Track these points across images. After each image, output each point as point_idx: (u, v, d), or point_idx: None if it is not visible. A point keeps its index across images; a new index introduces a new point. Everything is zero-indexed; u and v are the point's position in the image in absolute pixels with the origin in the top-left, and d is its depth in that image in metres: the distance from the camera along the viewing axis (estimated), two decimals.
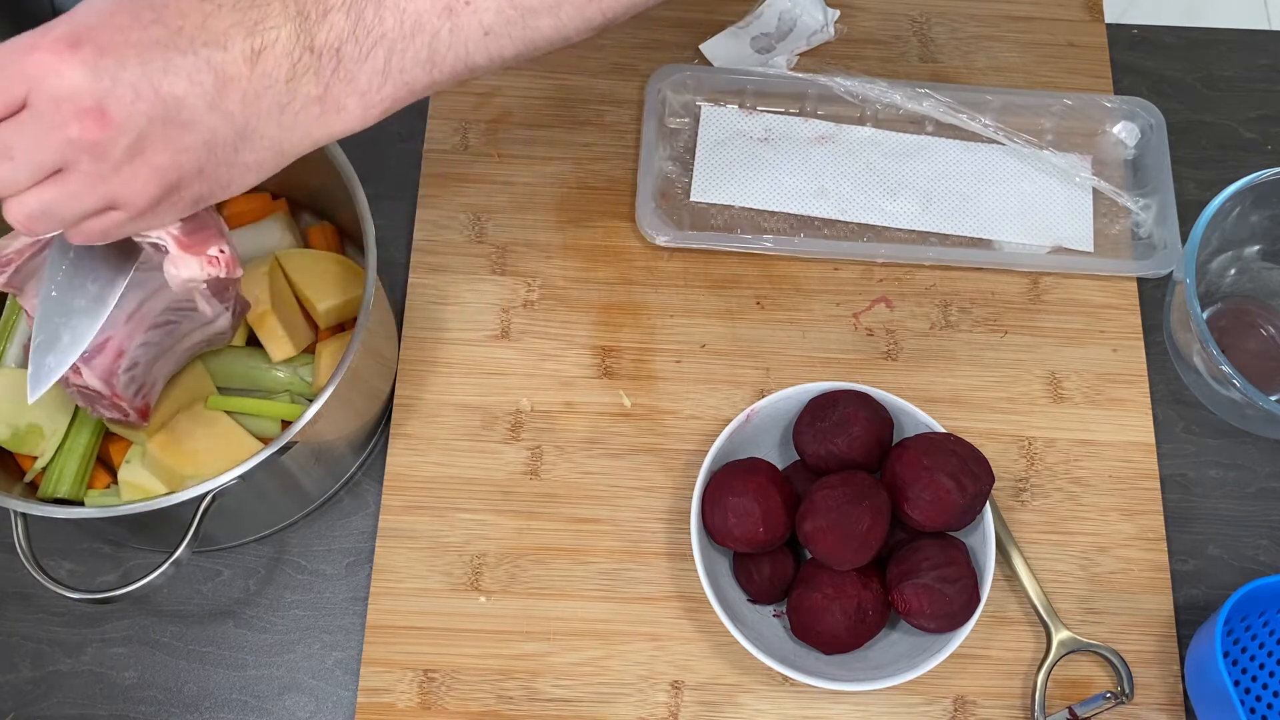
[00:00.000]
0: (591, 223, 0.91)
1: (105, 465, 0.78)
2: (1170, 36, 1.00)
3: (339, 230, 0.86)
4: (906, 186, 0.92)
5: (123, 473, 0.75)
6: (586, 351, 0.87)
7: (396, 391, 0.85)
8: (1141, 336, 0.88)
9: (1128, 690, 0.78)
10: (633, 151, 0.93)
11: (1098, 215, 0.92)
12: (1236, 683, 0.79)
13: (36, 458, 0.75)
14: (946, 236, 0.91)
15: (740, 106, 0.94)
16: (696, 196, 0.91)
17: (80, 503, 0.75)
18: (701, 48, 0.96)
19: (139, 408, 0.70)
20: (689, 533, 0.77)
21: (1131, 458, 0.85)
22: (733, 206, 0.91)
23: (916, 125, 0.94)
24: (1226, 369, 0.79)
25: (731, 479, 0.76)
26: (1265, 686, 0.80)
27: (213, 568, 0.81)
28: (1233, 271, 0.90)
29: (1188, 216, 0.87)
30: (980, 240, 0.91)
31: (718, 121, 0.94)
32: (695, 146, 0.93)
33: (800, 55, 0.96)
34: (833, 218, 0.91)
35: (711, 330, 0.87)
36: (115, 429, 0.75)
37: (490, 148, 0.93)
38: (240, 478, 0.68)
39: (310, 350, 0.79)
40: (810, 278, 0.89)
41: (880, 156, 0.93)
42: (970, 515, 0.75)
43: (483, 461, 0.83)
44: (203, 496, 0.68)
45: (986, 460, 0.76)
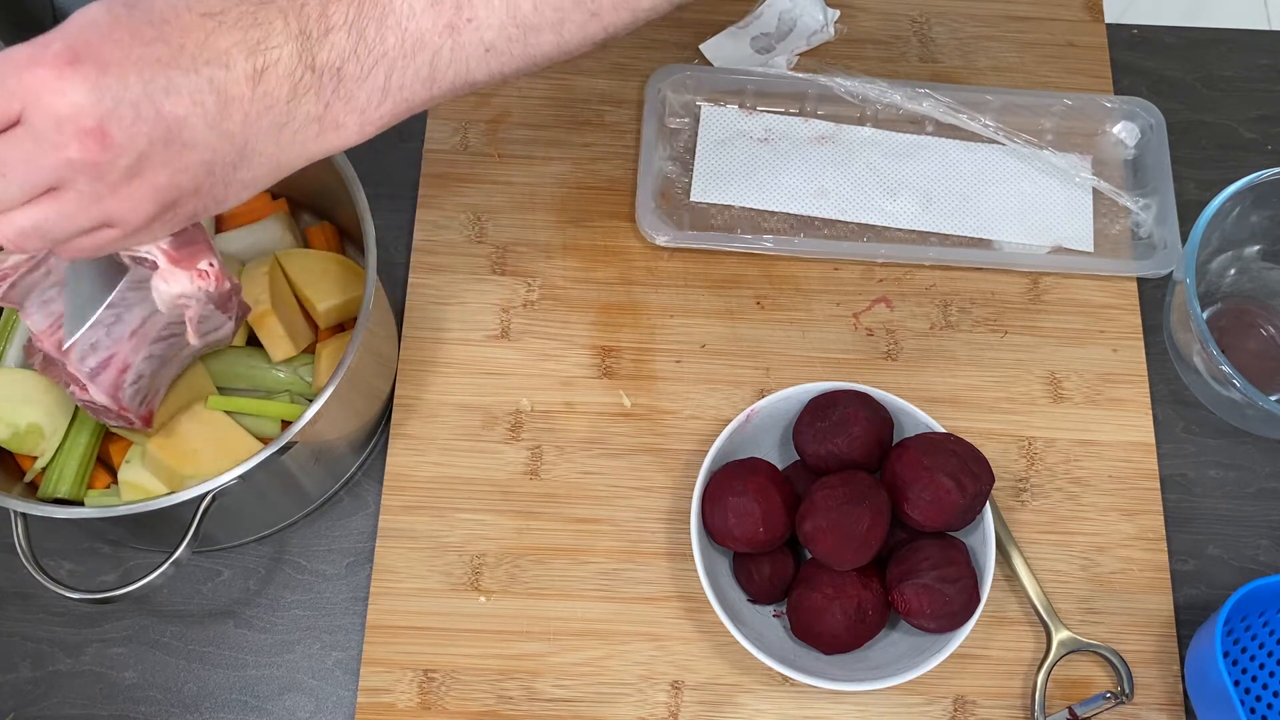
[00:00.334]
0: (591, 223, 0.91)
1: (105, 465, 0.78)
2: (1170, 36, 1.00)
3: (339, 230, 0.86)
4: (906, 186, 0.92)
5: (123, 473, 0.75)
6: (586, 351, 0.87)
7: (396, 391, 0.85)
8: (1141, 336, 0.88)
9: (1128, 690, 0.78)
10: (633, 151, 0.93)
11: (1098, 215, 0.92)
12: (1236, 683, 0.79)
13: (36, 458, 0.75)
14: (946, 236, 0.91)
15: (740, 106, 0.94)
16: (696, 196, 0.91)
17: (80, 503, 0.75)
18: (701, 48, 0.96)
19: (143, 415, 0.72)
20: (689, 533, 0.77)
21: (1131, 458, 0.85)
22: (733, 206, 0.91)
23: (916, 125, 0.94)
24: (1226, 369, 0.79)
25: (731, 479, 0.76)
26: (1265, 686, 0.80)
27: (213, 568, 0.81)
28: (1233, 271, 0.90)
29: (1188, 216, 0.87)
30: (980, 240, 0.91)
31: (718, 121, 0.94)
32: (695, 146, 0.93)
33: (800, 55, 0.96)
34: (833, 218, 0.91)
35: (711, 330, 0.87)
36: (116, 430, 0.75)
37: (490, 148, 0.93)
38: (240, 478, 0.68)
39: (310, 350, 0.79)
40: (810, 278, 0.89)
41: (880, 156, 0.93)
42: (970, 515, 0.75)
43: (483, 461, 0.83)
44: (203, 496, 0.68)
45: (986, 460, 0.76)
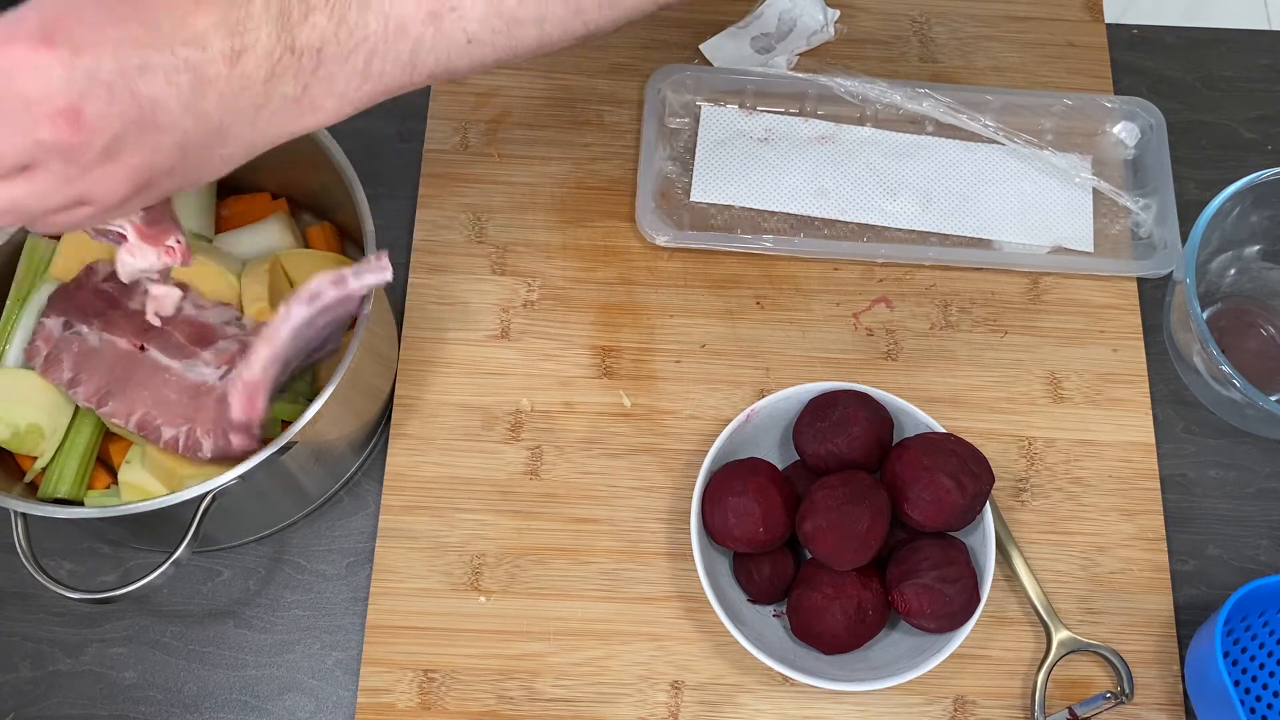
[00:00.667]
0: (591, 223, 0.91)
1: (105, 465, 0.78)
2: (1170, 36, 1.00)
3: (339, 230, 0.86)
4: (906, 186, 0.92)
5: (123, 473, 0.75)
6: (586, 351, 0.87)
7: (396, 391, 0.85)
8: (1141, 336, 0.88)
9: (1128, 690, 0.78)
10: (633, 151, 0.93)
11: (1098, 215, 0.92)
12: (1236, 683, 0.79)
13: (36, 458, 0.75)
14: (946, 236, 0.91)
15: (740, 106, 0.94)
16: (696, 196, 0.91)
17: (80, 503, 0.75)
18: (701, 48, 0.96)
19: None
20: (689, 533, 0.77)
21: (1131, 458, 0.85)
22: (733, 206, 0.91)
23: (916, 125, 0.94)
24: (1226, 369, 0.79)
25: (731, 479, 0.76)
26: (1265, 686, 0.80)
27: (213, 568, 0.81)
28: (1233, 271, 0.90)
29: (1188, 216, 0.87)
30: (980, 240, 0.91)
31: (718, 121, 0.94)
32: (695, 146, 0.93)
33: (800, 55, 0.96)
34: (833, 218, 0.91)
35: (711, 330, 0.87)
36: (115, 428, 0.75)
37: (490, 148, 0.93)
38: (240, 478, 0.68)
39: None
40: (810, 278, 0.89)
41: (880, 156, 0.93)
42: (970, 515, 0.75)
43: (483, 461, 0.83)
44: (203, 496, 0.68)
45: (986, 460, 0.76)
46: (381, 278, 0.67)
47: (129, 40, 0.50)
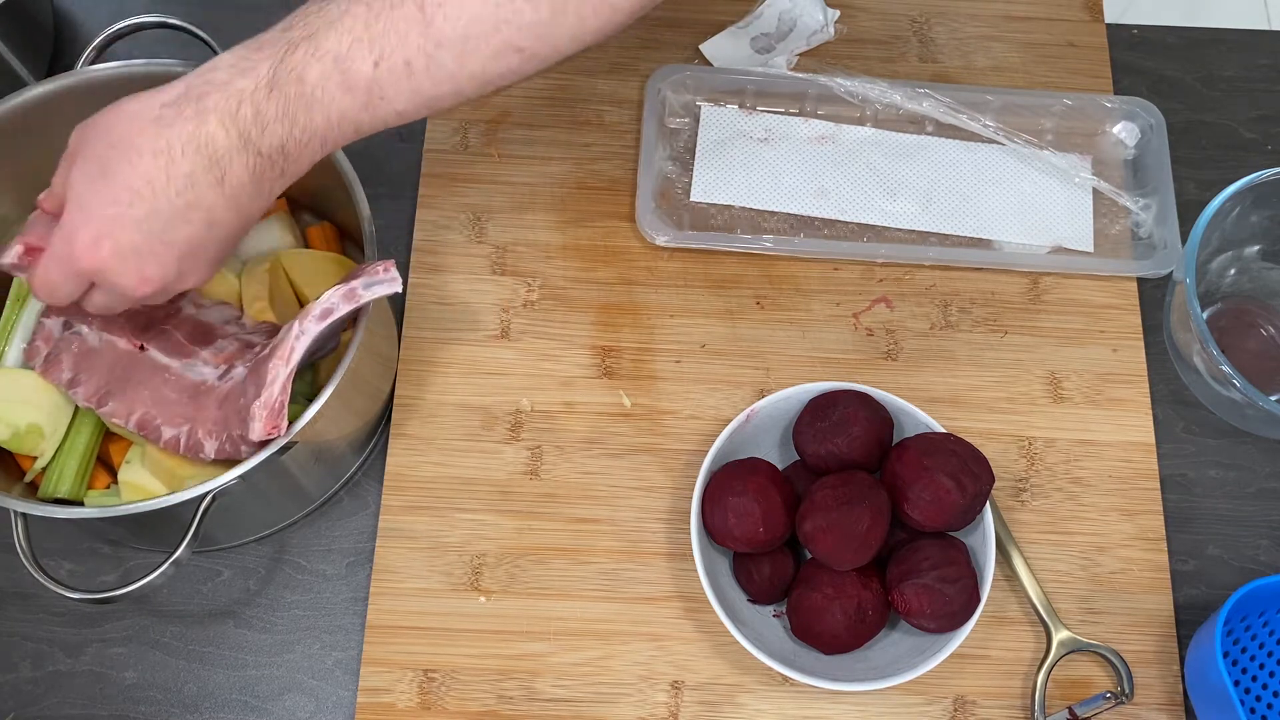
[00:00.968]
0: (591, 223, 0.91)
1: (105, 465, 0.78)
2: (1170, 36, 1.00)
3: (339, 230, 0.86)
4: (906, 186, 0.92)
5: (123, 473, 0.75)
6: (586, 351, 0.87)
7: (396, 391, 0.85)
8: (1141, 336, 0.88)
9: (1128, 690, 0.78)
10: (633, 151, 0.93)
11: (1098, 215, 0.92)
12: (1236, 683, 0.79)
13: (36, 458, 0.75)
14: (946, 236, 0.91)
15: (740, 106, 0.94)
16: (696, 196, 0.91)
17: (80, 503, 0.75)
18: (701, 48, 0.96)
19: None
20: (689, 533, 0.77)
21: (1131, 458, 0.85)
22: (733, 206, 0.91)
23: (916, 125, 0.94)
24: (1226, 369, 0.79)
25: (731, 479, 0.76)
26: (1265, 686, 0.80)
27: (213, 568, 0.81)
28: (1233, 271, 0.90)
29: (1188, 216, 0.87)
30: (980, 240, 0.91)
31: (718, 121, 0.94)
32: (695, 146, 0.93)
33: (800, 55, 0.96)
34: (833, 218, 0.91)
35: (711, 330, 0.87)
36: (115, 428, 0.75)
37: (490, 148, 0.93)
38: (240, 478, 0.68)
39: None
40: (810, 278, 0.89)
41: (880, 156, 0.93)
42: (970, 515, 0.75)
43: (483, 461, 0.83)
44: (203, 496, 0.68)
45: (986, 460, 0.76)
46: (391, 289, 0.70)
47: (146, 212, 0.62)
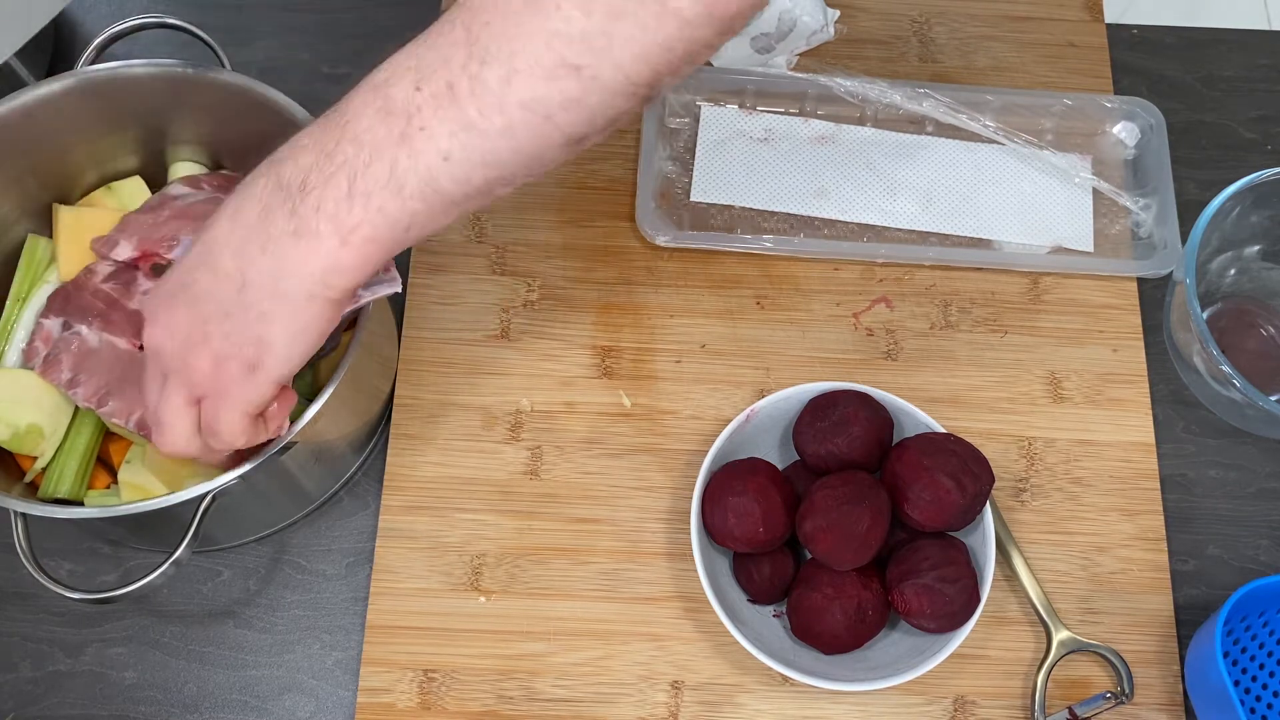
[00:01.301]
0: (591, 223, 0.91)
1: (105, 465, 0.78)
2: (1170, 36, 1.00)
3: None
4: (906, 186, 0.92)
5: (123, 473, 0.75)
6: (586, 351, 0.87)
7: (396, 391, 0.85)
8: (1141, 336, 0.88)
9: (1128, 690, 0.78)
10: (633, 151, 0.93)
11: (1098, 215, 0.92)
12: (1236, 683, 0.79)
13: (36, 458, 0.75)
14: (946, 236, 0.91)
15: (740, 106, 0.94)
16: (696, 196, 0.91)
17: (80, 503, 0.75)
18: None
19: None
20: (689, 533, 0.77)
21: (1131, 458, 0.85)
22: (733, 206, 0.91)
23: (916, 125, 0.94)
24: (1226, 369, 0.79)
25: (731, 479, 0.76)
26: (1265, 686, 0.80)
27: (213, 568, 0.81)
28: (1233, 271, 0.90)
29: (1188, 216, 0.87)
30: (980, 240, 0.91)
31: (718, 121, 0.94)
32: (695, 146, 0.93)
33: (800, 55, 0.96)
34: (833, 218, 0.91)
35: (711, 330, 0.87)
36: (115, 428, 0.75)
37: None
38: (240, 478, 0.68)
39: None
40: (810, 278, 0.89)
41: (880, 156, 0.93)
42: (970, 515, 0.75)
43: (483, 461, 0.83)
44: (203, 496, 0.67)
45: (986, 460, 0.76)
46: (391, 289, 0.67)
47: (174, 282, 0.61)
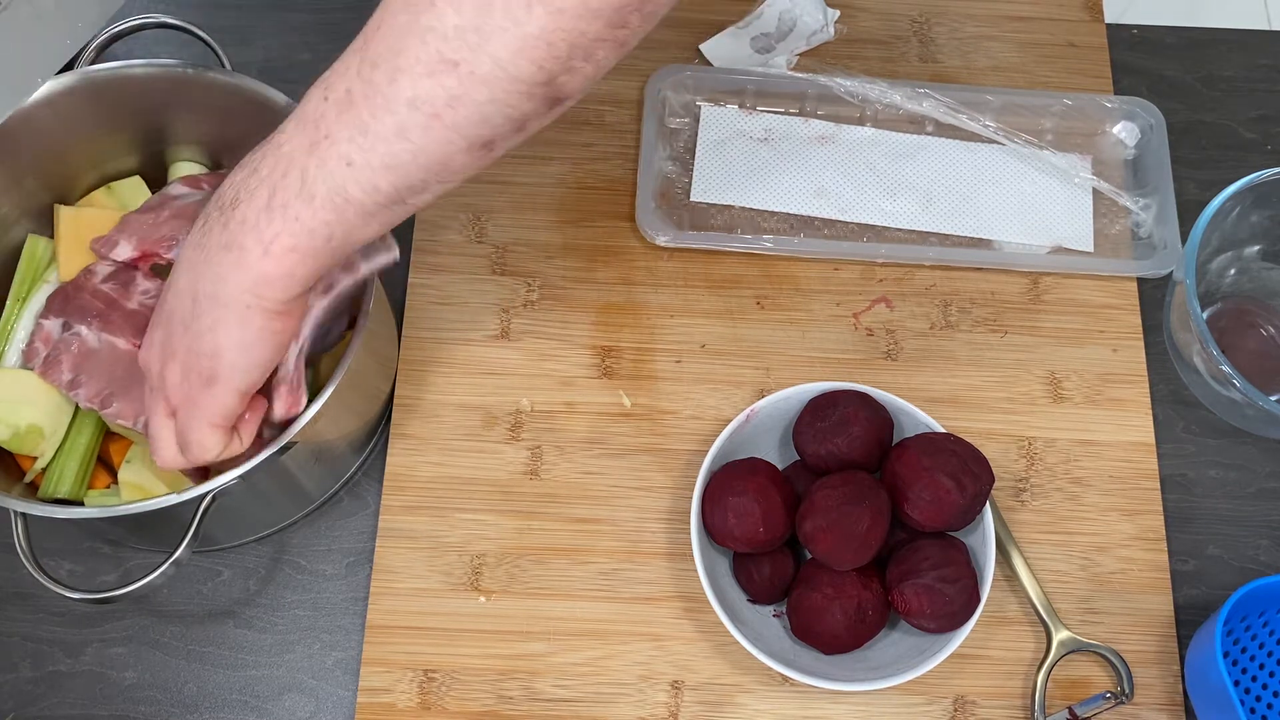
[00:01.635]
0: (591, 223, 0.91)
1: (105, 465, 0.78)
2: (1170, 36, 1.00)
3: None
4: (906, 186, 0.92)
5: (123, 473, 0.75)
6: (586, 351, 0.87)
7: (396, 391, 0.85)
8: (1141, 336, 0.88)
9: (1128, 690, 0.78)
10: (633, 151, 0.93)
11: (1098, 215, 0.92)
12: (1236, 683, 0.79)
13: (36, 458, 0.75)
14: (946, 236, 0.91)
15: (740, 106, 0.94)
16: (696, 196, 0.91)
17: (80, 503, 0.75)
18: (701, 48, 0.96)
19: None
20: (689, 533, 0.77)
21: (1131, 458, 0.85)
22: (733, 206, 0.91)
23: (916, 125, 0.94)
24: (1226, 369, 0.79)
25: (731, 479, 0.76)
26: (1265, 686, 0.80)
27: (213, 568, 0.81)
28: (1233, 271, 0.90)
29: (1188, 216, 0.87)
30: (980, 240, 0.91)
31: (718, 121, 0.94)
32: (695, 146, 0.93)
33: (800, 55, 0.96)
34: (833, 218, 0.91)
35: (711, 330, 0.87)
36: (117, 429, 0.75)
37: None
38: (240, 478, 0.68)
39: None
40: (810, 278, 0.89)
41: (880, 156, 0.93)
42: (970, 515, 0.75)
43: (483, 461, 0.83)
44: (203, 496, 0.68)
45: (986, 460, 0.76)
46: (389, 257, 0.68)
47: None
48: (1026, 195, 0.92)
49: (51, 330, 0.74)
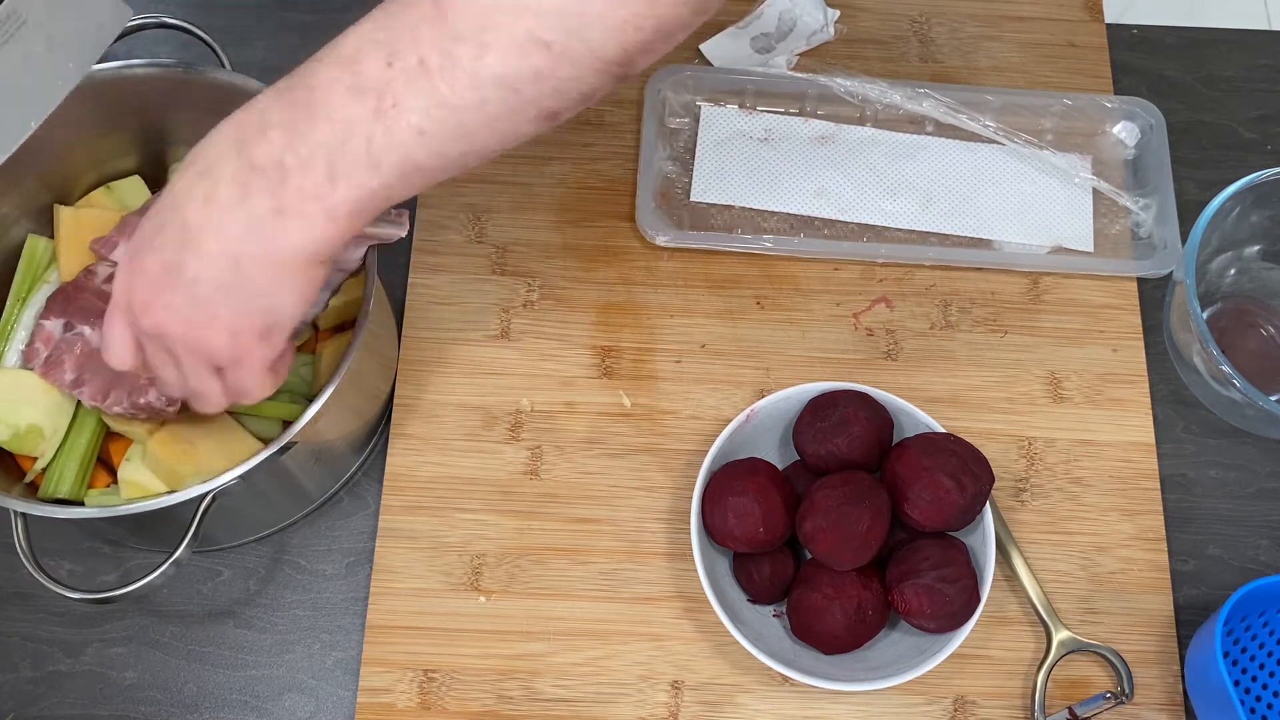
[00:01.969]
0: (591, 223, 0.91)
1: (105, 465, 0.78)
2: (1170, 36, 1.00)
3: None
4: (906, 186, 0.92)
5: (123, 472, 0.75)
6: (586, 351, 0.87)
7: (396, 391, 0.85)
8: (1141, 336, 0.88)
9: (1128, 690, 0.78)
10: (633, 151, 0.93)
11: (1098, 215, 0.92)
12: (1236, 683, 0.79)
13: (36, 458, 0.75)
14: (946, 236, 0.91)
15: (740, 106, 0.94)
16: (696, 196, 0.91)
17: (80, 503, 0.75)
18: (701, 48, 0.96)
19: None
20: (689, 533, 0.77)
21: (1131, 458, 0.85)
22: (733, 206, 0.91)
23: (916, 125, 0.94)
24: (1226, 369, 0.79)
25: (731, 479, 0.76)
26: (1265, 686, 0.80)
27: (213, 568, 0.81)
28: (1233, 271, 0.90)
29: (1188, 216, 0.87)
30: (980, 240, 0.91)
31: (718, 121, 0.94)
32: (695, 146, 0.93)
33: (800, 55, 0.96)
34: (833, 218, 0.91)
35: (711, 330, 0.87)
36: (117, 428, 0.75)
37: None
38: (240, 478, 0.68)
39: (310, 350, 0.79)
40: (810, 278, 0.89)
41: (880, 156, 0.93)
42: (970, 515, 0.75)
43: (483, 461, 0.83)
44: (203, 496, 0.68)
45: (986, 460, 0.76)
46: (398, 230, 0.68)
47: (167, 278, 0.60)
48: (1026, 195, 0.92)
49: (53, 331, 0.74)
